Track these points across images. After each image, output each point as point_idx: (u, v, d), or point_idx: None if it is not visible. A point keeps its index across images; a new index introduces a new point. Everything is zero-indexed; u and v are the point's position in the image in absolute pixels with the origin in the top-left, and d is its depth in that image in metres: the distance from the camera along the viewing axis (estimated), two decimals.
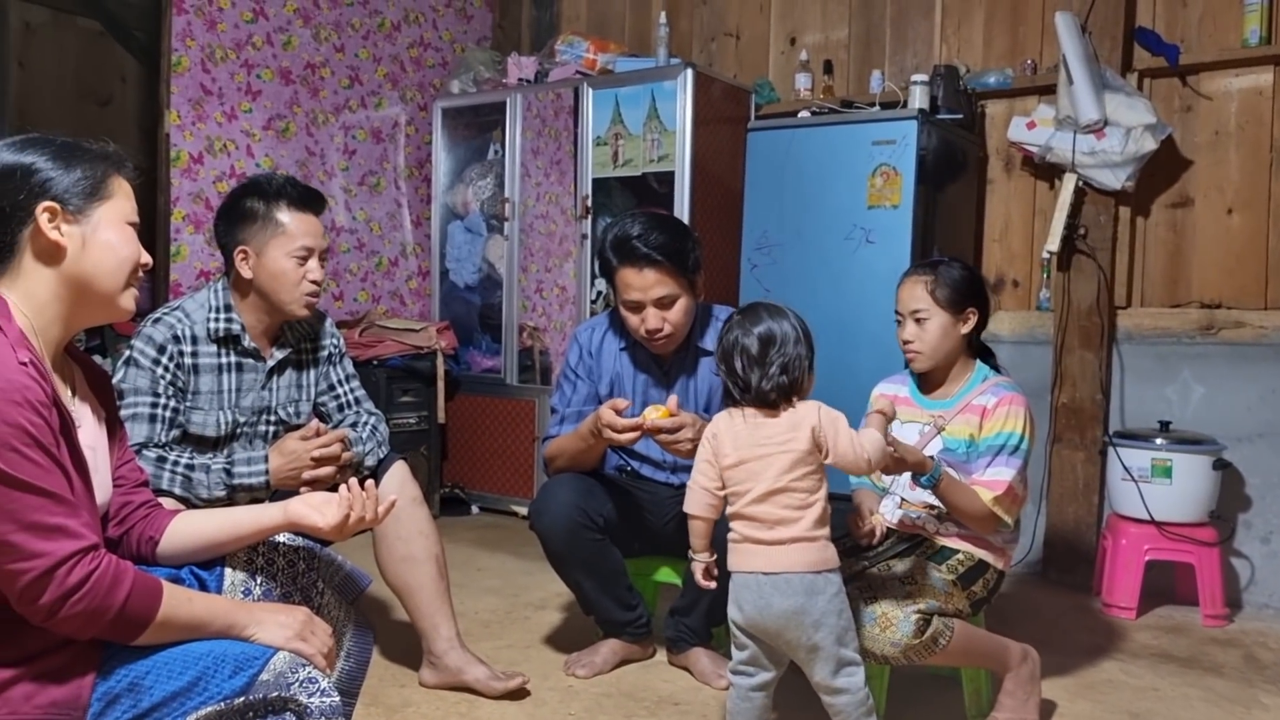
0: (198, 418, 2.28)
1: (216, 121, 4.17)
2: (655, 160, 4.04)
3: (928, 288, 2.36)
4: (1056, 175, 3.68)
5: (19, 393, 1.23)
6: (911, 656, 2.09)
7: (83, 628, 1.28)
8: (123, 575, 1.30)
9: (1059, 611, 3.29)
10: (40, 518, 1.23)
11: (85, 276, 1.39)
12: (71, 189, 1.39)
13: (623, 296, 2.51)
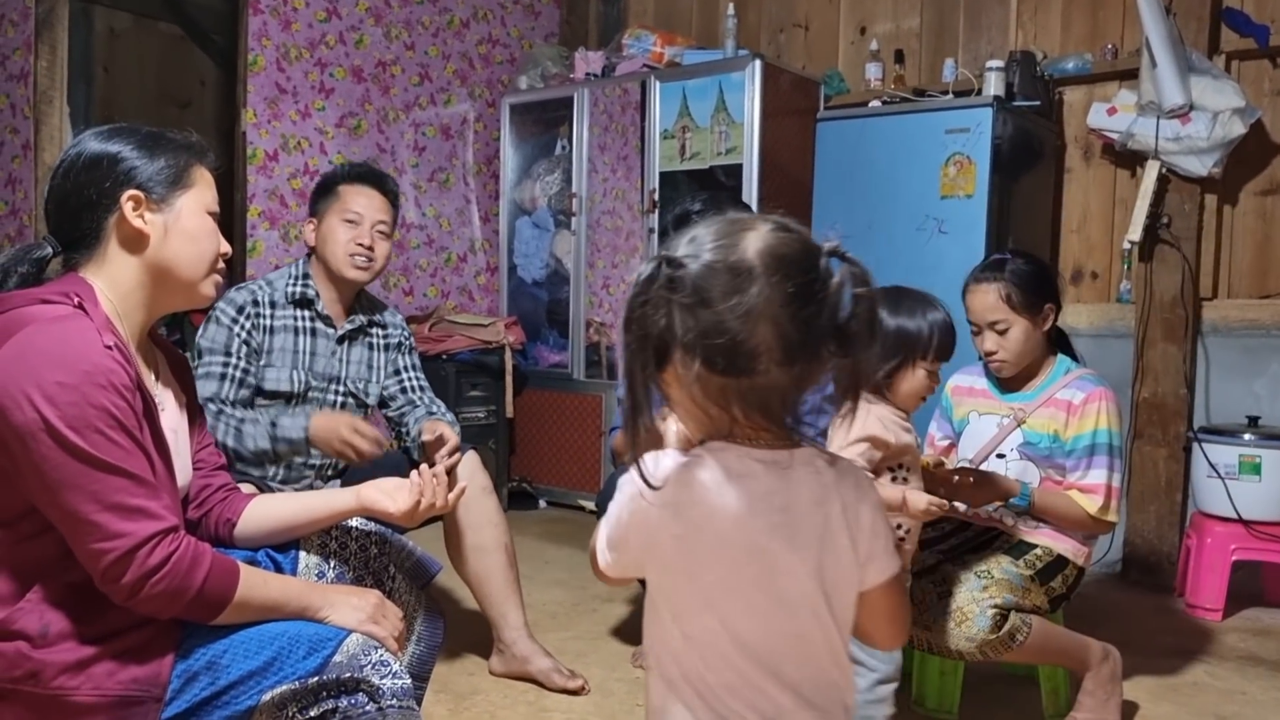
0: (272, 374, 2.40)
1: (291, 120, 4.24)
2: (723, 153, 4.01)
3: (1001, 294, 2.28)
4: (1138, 163, 3.57)
5: (104, 376, 1.25)
6: (988, 652, 2.04)
7: (163, 607, 1.30)
8: (201, 557, 1.32)
9: (1140, 612, 3.19)
10: (122, 499, 1.26)
11: (167, 263, 1.42)
12: (155, 177, 1.41)
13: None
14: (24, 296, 1.33)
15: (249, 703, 1.32)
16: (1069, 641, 2.19)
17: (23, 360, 1.24)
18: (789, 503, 1.00)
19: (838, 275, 0.99)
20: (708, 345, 0.95)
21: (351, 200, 2.47)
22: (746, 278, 0.96)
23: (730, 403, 0.98)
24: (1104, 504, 2.22)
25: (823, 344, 0.98)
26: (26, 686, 1.25)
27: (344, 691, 1.34)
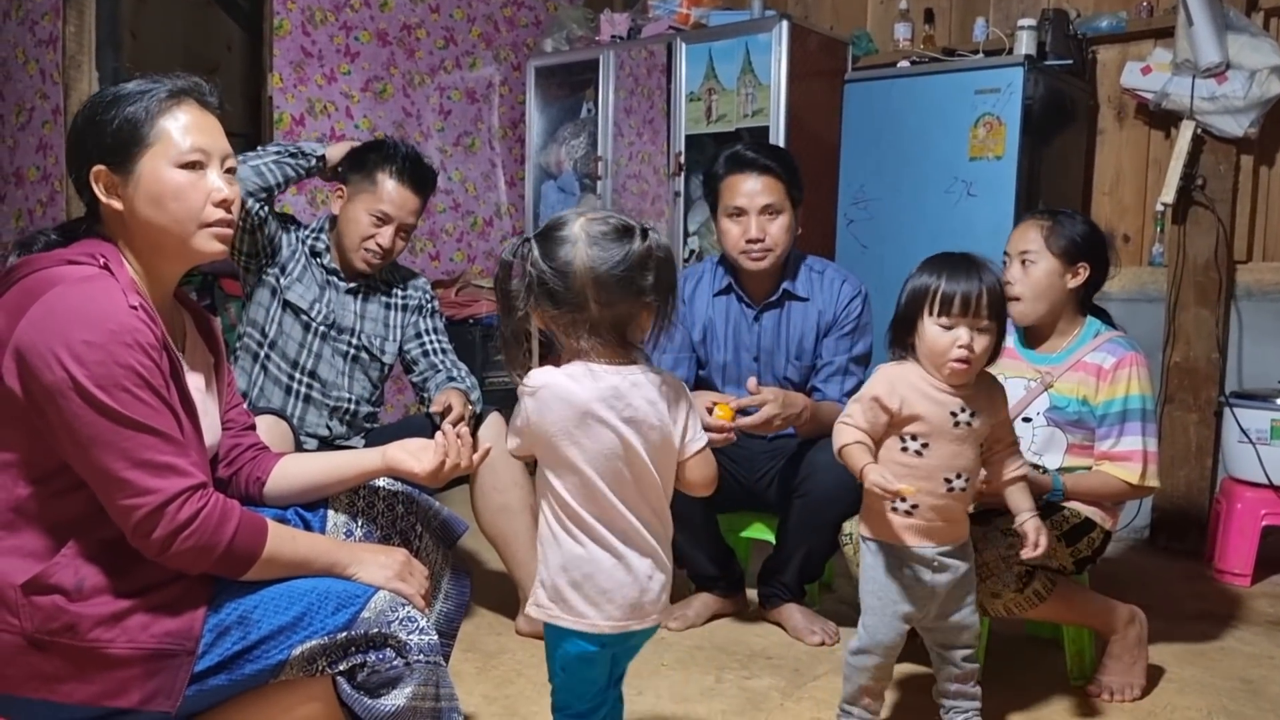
0: (299, 289, 2.46)
1: (317, 84, 4.24)
2: (749, 115, 3.97)
3: (1043, 231, 2.29)
4: (1173, 123, 3.50)
5: (130, 335, 1.27)
6: (1011, 609, 2.04)
7: (193, 562, 1.33)
8: (230, 513, 1.34)
9: (1168, 578, 3.18)
10: (151, 455, 1.28)
11: (148, 230, 1.39)
12: (110, 148, 1.37)
13: (727, 204, 2.53)
14: (50, 258, 1.35)
15: (279, 657, 1.35)
16: (1093, 603, 2.19)
17: (51, 320, 1.26)
18: (624, 394, 1.46)
19: (645, 242, 1.44)
20: (549, 290, 1.44)
21: (387, 199, 2.43)
22: (569, 245, 1.43)
23: (577, 331, 1.45)
24: (1142, 470, 2.21)
25: (632, 290, 1.44)
26: (64, 639, 1.28)
27: (372, 647, 1.37)
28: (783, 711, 2.12)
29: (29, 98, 4.04)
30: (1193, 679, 2.34)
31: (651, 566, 1.51)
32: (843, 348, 2.61)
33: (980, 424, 1.84)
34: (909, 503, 1.81)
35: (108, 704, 1.30)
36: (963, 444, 1.83)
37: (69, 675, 1.29)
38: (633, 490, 1.48)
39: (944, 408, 1.82)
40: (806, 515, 2.48)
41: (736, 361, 2.64)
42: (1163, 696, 2.23)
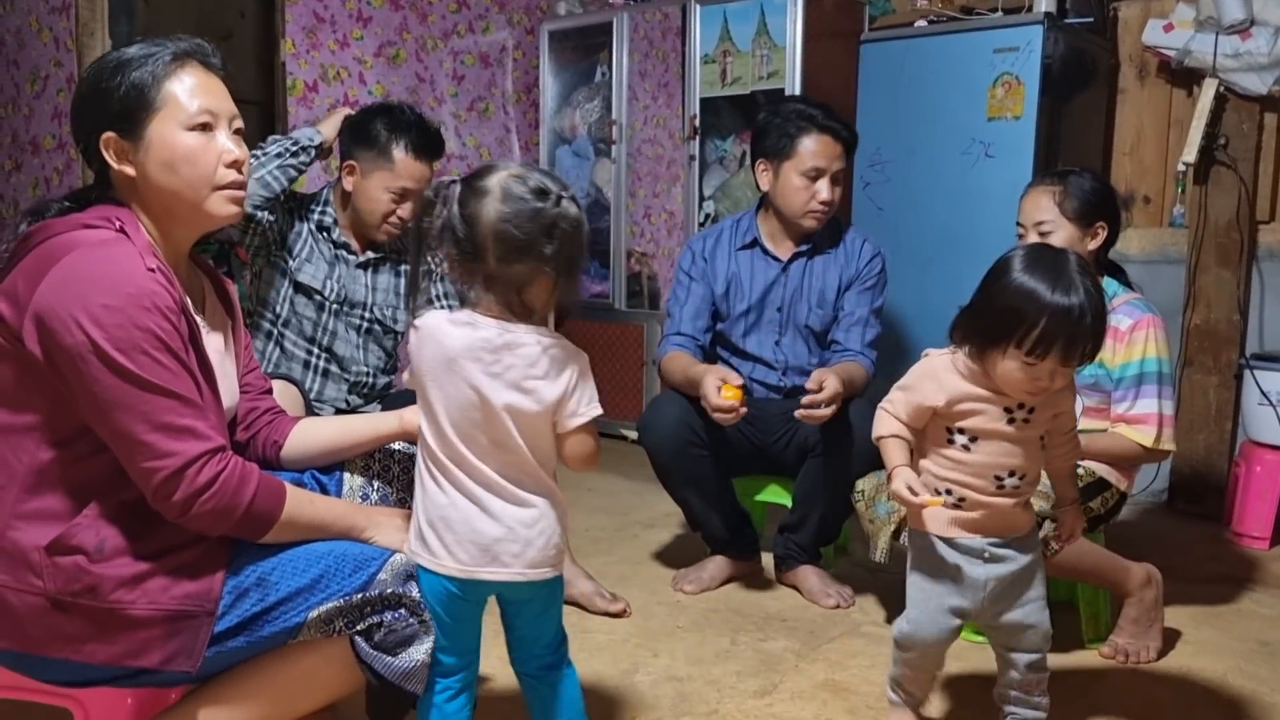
0: (309, 269, 2.44)
1: (330, 50, 4.23)
2: (764, 77, 3.94)
3: (1055, 199, 2.26)
4: (1195, 81, 3.45)
5: (148, 298, 1.28)
6: None
7: (213, 525, 1.34)
8: (249, 476, 1.36)
9: (1186, 541, 3.17)
10: (171, 419, 1.29)
11: (160, 195, 1.39)
12: (119, 114, 1.36)
13: (805, 163, 2.59)
14: (66, 222, 1.35)
15: (297, 619, 1.36)
16: (1106, 560, 2.19)
17: (69, 284, 1.26)
18: (497, 350, 1.42)
19: (556, 209, 1.40)
20: (455, 237, 1.41)
21: (407, 175, 2.39)
22: (482, 196, 1.40)
23: (472, 281, 1.43)
24: (1157, 434, 2.20)
25: (530, 254, 1.40)
26: (86, 600, 1.30)
27: (387, 606, 1.38)
28: (797, 673, 2.14)
29: (43, 66, 4.05)
30: (1209, 641, 2.34)
31: (533, 518, 1.45)
32: (864, 301, 2.68)
33: (1039, 418, 1.68)
34: (954, 497, 1.70)
35: (130, 664, 1.32)
36: (1018, 442, 1.67)
37: (91, 635, 1.31)
38: (488, 448, 1.43)
39: (998, 405, 1.67)
40: (823, 475, 2.48)
41: (760, 312, 2.69)
42: (1178, 659, 2.24)
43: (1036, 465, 1.72)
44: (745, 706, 1.98)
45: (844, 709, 1.97)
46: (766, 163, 2.66)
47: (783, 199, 2.64)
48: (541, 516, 1.46)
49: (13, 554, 1.30)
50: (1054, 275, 1.56)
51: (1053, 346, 1.54)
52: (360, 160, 2.41)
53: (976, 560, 1.71)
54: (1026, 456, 1.69)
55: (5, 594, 1.30)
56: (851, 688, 2.06)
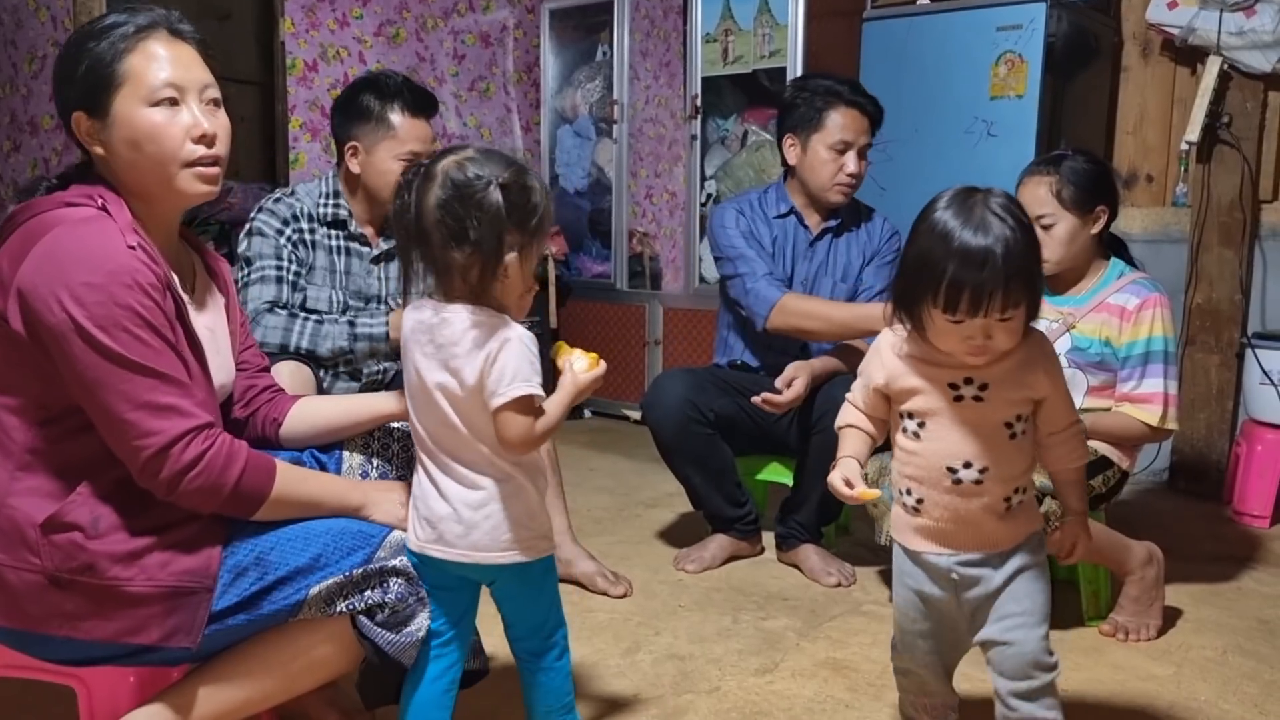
0: (312, 292, 2.32)
1: (329, 29, 4.21)
2: (766, 56, 3.92)
3: (1052, 189, 2.23)
4: (1199, 59, 3.43)
5: (129, 275, 1.26)
6: None
7: (202, 502, 1.34)
8: (236, 454, 1.35)
9: (1187, 520, 3.17)
10: (154, 397, 1.27)
11: (132, 173, 1.36)
12: (84, 93, 1.34)
13: (833, 136, 2.61)
14: (49, 201, 1.34)
15: (298, 597, 1.37)
16: (1106, 538, 2.19)
17: (51, 262, 1.25)
18: (431, 329, 1.42)
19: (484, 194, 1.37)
20: (405, 225, 1.41)
21: (411, 138, 2.31)
22: (430, 182, 1.39)
23: (424, 266, 1.42)
24: (1162, 413, 2.21)
25: (462, 237, 1.37)
26: (84, 577, 1.30)
27: (385, 578, 1.39)
28: (798, 651, 2.14)
29: (40, 45, 4.03)
30: (1209, 619, 2.34)
31: (479, 500, 1.42)
32: (883, 275, 2.72)
33: (997, 397, 1.44)
34: (913, 497, 1.51)
35: (129, 640, 1.32)
36: (971, 425, 1.45)
37: (90, 613, 1.31)
38: (437, 429, 1.43)
39: (940, 381, 1.46)
40: (824, 453, 2.47)
41: (787, 284, 2.70)
42: (1178, 636, 2.24)
43: (1008, 458, 1.46)
44: (747, 684, 1.99)
45: (845, 686, 1.98)
46: (794, 137, 2.67)
47: (810, 172, 2.65)
48: (489, 500, 1.43)
49: (10, 532, 1.30)
50: (964, 215, 1.36)
51: (960, 296, 1.33)
52: (361, 139, 2.33)
53: (941, 584, 1.51)
54: (985, 444, 1.45)
55: (4, 572, 1.30)
56: (853, 665, 2.07)
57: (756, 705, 1.91)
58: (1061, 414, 1.49)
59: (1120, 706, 1.91)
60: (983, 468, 1.45)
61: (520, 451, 1.43)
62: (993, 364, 1.43)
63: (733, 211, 2.73)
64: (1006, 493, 1.47)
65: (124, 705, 1.38)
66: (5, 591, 1.31)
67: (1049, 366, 1.47)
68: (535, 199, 1.41)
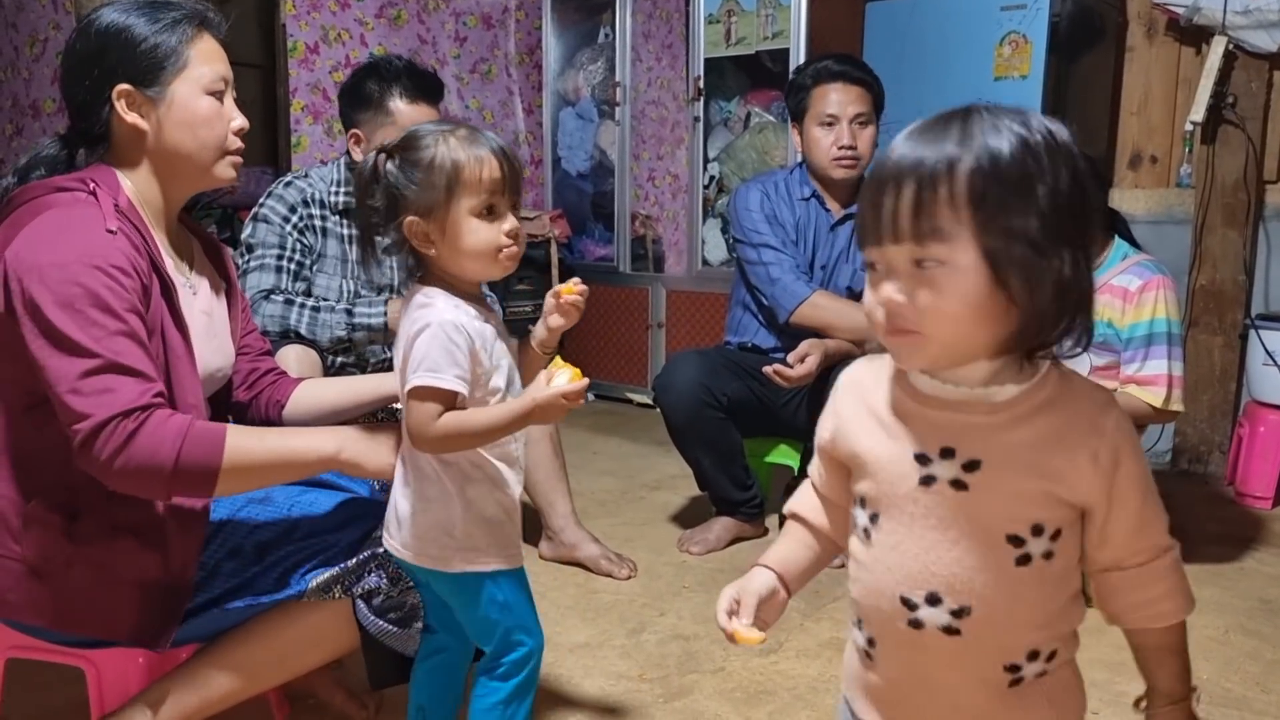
0: (322, 280, 2.31)
1: (330, 10, 4.19)
2: (769, 37, 3.90)
3: None
4: (1204, 39, 3.41)
5: (97, 257, 1.24)
6: None
7: (146, 486, 1.26)
8: (171, 429, 1.24)
9: (1189, 501, 3.18)
10: (88, 380, 1.22)
11: (171, 153, 1.39)
12: (143, 67, 1.36)
13: (819, 112, 2.61)
14: (44, 185, 1.34)
15: (296, 589, 1.38)
16: None
17: (30, 245, 1.25)
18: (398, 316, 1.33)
19: (371, 166, 1.31)
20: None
21: (409, 124, 2.14)
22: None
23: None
24: (1167, 395, 2.21)
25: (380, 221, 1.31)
26: (61, 569, 1.30)
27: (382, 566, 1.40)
28: (802, 632, 2.16)
29: (41, 29, 4.02)
30: (1211, 599, 2.35)
31: (406, 497, 1.33)
32: None
33: (996, 491, 0.88)
34: (864, 633, 0.98)
35: (104, 636, 1.33)
36: (947, 526, 0.90)
37: (66, 605, 1.31)
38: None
39: (898, 446, 0.92)
40: None
41: (807, 265, 2.70)
42: None
43: (1012, 594, 0.90)
44: (751, 664, 2.00)
45: None
46: (795, 124, 2.69)
47: (811, 154, 2.66)
48: (414, 502, 1.31)
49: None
50: (917, 130, 0.88)
51: (863, 226, 0.87)
52: (362, 125, 2.31)
53: None
54: (968, 566, 0.89)
55: None
56: None
57: (761, 685, 1.92)
58: (1129, 535, 0.91)
59: (1122, 686, 1.92)
60: (960, 607, 0.90)
61: (419, 447, 1.27)
62: (974, 427, 0.88)
63: (757, 193, 2.72)
64: (1010, 655, 0.91)
65: (134, 685, 1.39)
66: None
67: (1110, 454, 0.88)
68: (424, 152, 1.28)
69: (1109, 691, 1.89)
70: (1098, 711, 1.82)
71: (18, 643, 1.42)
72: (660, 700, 1.87)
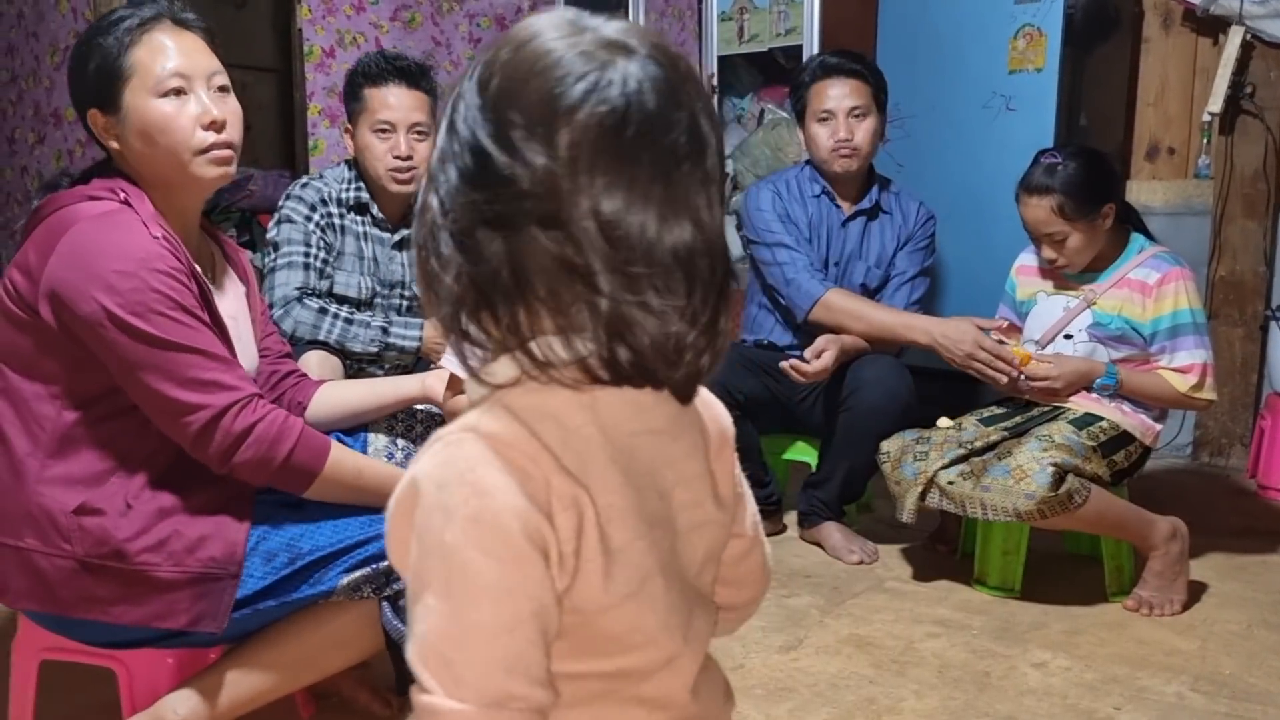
0: (341, 278, 2.31)
1: (345, 14, 4.22)
2: (783, 34, 3.90)
3: (1054, 208, 2.22)
4: (1221, 29, 3.39)
5: (159, 261, 1.29)
6: (1045, 511, 2.04)
7: (254, 474, 1.36)
8: (290, 428, 1.37)
9: (1211, 494, 3.16)
10: (196, 374, 1.30)
11: (149, 164, 1.39)
12: (95, 90, 1.36)
13: (816, 108, 2.62)
14: (72, 194, 1.36)
15: (328, 585, 1.39)
16: (1130, 514, 2.19)
17: (79, 255, 1.28)
18: None
19: None
20: None
21: (379, 107, 2.25)
22: None
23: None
24: (1198, 382, 2.22)
25: None
26: (113, 563, 1.32)
27: None
28: (822, 628, 2.16)
29: (62, 37, 4.06)
30: (1233, 593, 2.34)
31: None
32: (915, 260, 2.72)
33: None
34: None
35: (157, 625, 1.35)
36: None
37: (119, 598, 1.34)
38: None
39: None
40: (850, 430, 2.49)
41: (821, 263, 2.70)
42: (1202, 611, 2.24)
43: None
44: (771, 661, 2.01)
45: (868, 663, 2.00)
46: (799, 123, 2.70)
47: (812, 151, 2.68)
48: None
49: (41, 519, 1.33)
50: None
51: None
52: (351, 119, 2.34)
53: None
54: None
55: (36, 558, 1.33)
56: (876, 642, 2.08)
57: (780, 682, 1.93)
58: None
59: (1145, 682, 1.91)
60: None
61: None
62: None
63: (769, 192, 2.72)
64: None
65: (163, 686, 1.41)
66: (38, 577, 1.34)
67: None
68: None
69: (1130, 686, 1.89)
70: (1120, 707, 1.81)
71: (50, 644, 1.45)
72: None
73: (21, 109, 4.35)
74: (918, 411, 2.46)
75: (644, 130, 0.66)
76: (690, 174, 0.67)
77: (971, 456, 2.19)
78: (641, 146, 0.66)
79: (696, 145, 0.68)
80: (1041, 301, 2.41)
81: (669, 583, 0.74)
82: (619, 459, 0.70)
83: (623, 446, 0.71)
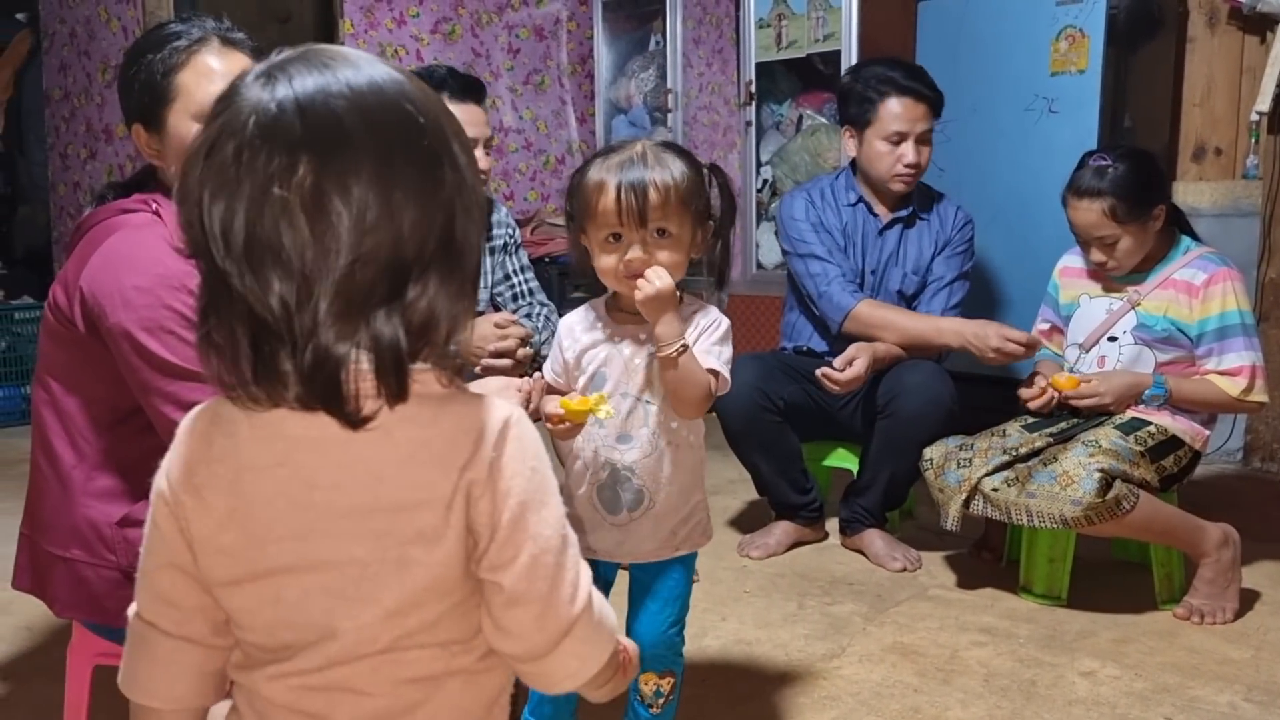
0: None
1: (387, 28, 4.27)
2: (820, 40, 3.90)
3: (1105, 211, 2.19)
4: (1268, 27, 3.33)
5: (176, 279, 1.27)
6: (1093, 518, 2.02)
7: None
8: None
9: (1262, 500, 3.10)
10: (199, 398, 1.27)
11: None
12: (141, 106, 1.38)
13: (887, 127, 2.58)
14: (110, 208, 1.39)
15: None
16: (1179, 520, 2.16)
17: (107, 267, 1.30)
18: None
19: None
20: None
21: (463, 124, 2.30)
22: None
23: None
24: (1247, 385, 2.18)
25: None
26: None
27: None
28: (865, 636, 2.15)
29: (113, 55, 4.15)
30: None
31: None
32: (952, 266, 2.69)
33: None
34: None
35: None
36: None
37: None
38: None
39: None
40: (892, 436, 2.48)
41: (855, 272, 2.69)
42: (1255, 619, 2.20)
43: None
44: (814, 669, 2.00)
45: (913, 671, 1.98)
46: (851, 129, 2.67)
47: (869, 164, 2.65)
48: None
49: (87, 530, 1.35)
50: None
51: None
52: None
53: None
54: None
55: (82, 569, 1.35)
56: (920, 650, 2.07)
57: (824, 690, 1.92)
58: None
59: (1196, 691, 1.88)
60: None
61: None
62: None
63: (802, 201, 2.72)
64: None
65: None
66: (85, 588, 1.36)
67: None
68: (579, 173, 1.50)
69: (1182, 696, 1.86)
70: (1171, 717, 1.79)
71: (103, 650, 1.47)
72: (724, 706, 1.88)
73: (74, 125, 4.45)
74: (960, 418, 2.44)
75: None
76: None
77: (1016, 463, 2.17)
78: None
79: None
80: (1085, 304, 2.38)
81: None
82: None
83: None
